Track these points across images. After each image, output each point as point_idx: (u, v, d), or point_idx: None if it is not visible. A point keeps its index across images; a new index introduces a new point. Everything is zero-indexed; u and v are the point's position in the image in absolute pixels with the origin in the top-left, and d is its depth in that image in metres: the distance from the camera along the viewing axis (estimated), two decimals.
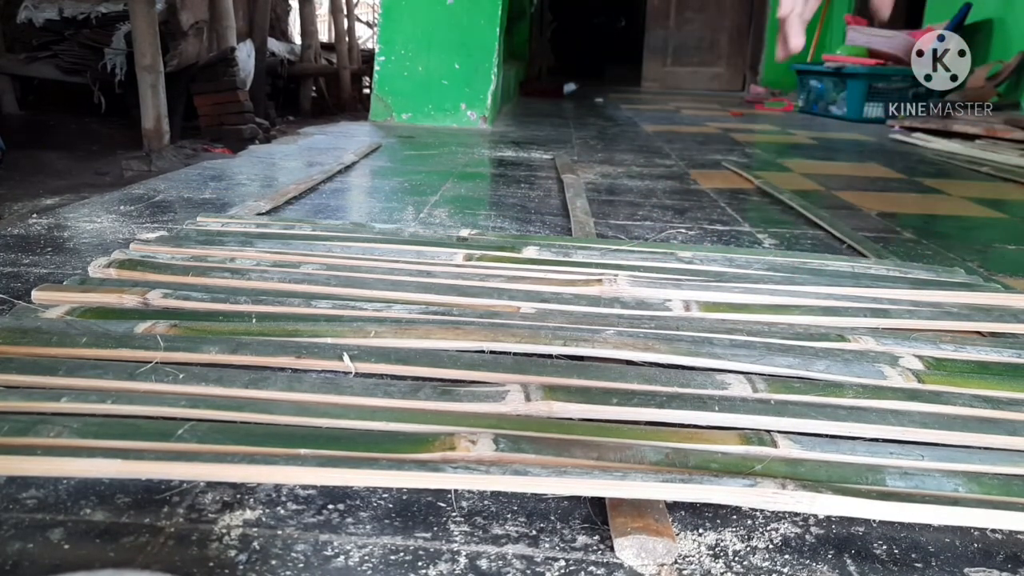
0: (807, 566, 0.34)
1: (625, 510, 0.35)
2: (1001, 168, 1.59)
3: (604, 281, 0.65)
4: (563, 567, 0.33)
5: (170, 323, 0.53)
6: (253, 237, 0.74)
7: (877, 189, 1.34)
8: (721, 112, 2.96)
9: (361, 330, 0.52)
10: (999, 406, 0.46)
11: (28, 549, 0.33)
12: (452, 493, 0.38)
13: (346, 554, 0.33)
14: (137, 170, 2.57)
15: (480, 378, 0.48)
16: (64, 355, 0.48)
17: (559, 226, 0.95)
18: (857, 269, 0.75)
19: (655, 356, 0.51)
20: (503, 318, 0.57)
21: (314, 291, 0.61)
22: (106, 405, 0.41)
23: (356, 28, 5.93)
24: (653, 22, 4.74)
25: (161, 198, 1.02)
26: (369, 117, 2.16)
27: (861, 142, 2.07)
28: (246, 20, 4.18)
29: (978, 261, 0.86)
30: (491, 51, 2.12)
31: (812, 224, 1.02)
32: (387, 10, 2.15)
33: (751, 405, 0.44)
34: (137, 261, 0.66)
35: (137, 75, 2.73)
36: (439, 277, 0.66)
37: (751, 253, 0.80)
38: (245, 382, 0.44)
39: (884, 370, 0.50)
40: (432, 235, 0.83)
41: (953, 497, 0.37)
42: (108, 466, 0.35)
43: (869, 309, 0.62)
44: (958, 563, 0.35)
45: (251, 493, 0.37)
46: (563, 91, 3.60)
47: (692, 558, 0.34)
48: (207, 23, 3.65)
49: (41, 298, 0.58)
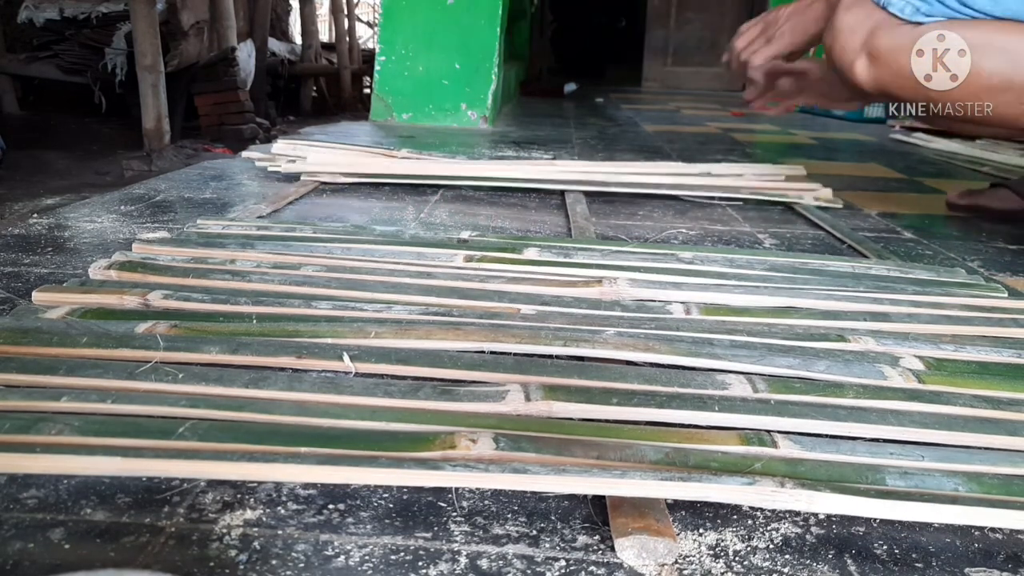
0: (807, 566, 0.34)
1: (626, 510, 0.35)
2: (1002, 168, 1.59)
3: (604, 282, 0.65)
4: (563, 567, 0.33)
5: (170, 323, 0.53)
6: (253, 239, 0.75)
7: (878, 189, 1.34)
8: (722, 112, 2.96)
9: (361, 330, 0.52)
10: (999, 406, 0.46)
11: (28, 549, 0.33)
12: (452, 493, 0.38)
13: (346, 554, 0.33)
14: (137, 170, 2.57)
15: (480, 378, 0.48)
16: (64, 355, 0.48)
17: (559, 226, 0.96)
18: (858, 269, 0.75)
19: (655, 356, 0.51)
20: (503, 319, 0.57)
21: (314, 292, 0.61)
22: (106, 404, 0.41)
23: (356, 28, 5.94)
24: (653, 22, 4.74)
25: (162, 198, 1.02)
26: (370, 117, 2.16)
27: (861, 142, 2.08)
28: (247, 20, 4.18)
29: (979, 261, 0.86)
30: (491, 51, 2.12)
31: (812, 224, 1.02)
32: (387, 10, 2.15)
33: (751, 405, 0.44)
34: (138, 263, 0.66)
35: (138, 75, 2.73)
36: (439, 279, 0.66)
37: (752, 254, 0.80)
38: (245, 382, 0.44)
39: (884, 370, 0.50)
40: (432, 237, 0.83)
41: (953, 496, 0.37)
42: (108, 464, 0.35)
43: (869, 313, 0.63)
44: (959, 563, 0.35)
45: (251, 493, 0.37)
46: (564, 91, 3.60)
47: (693, 558, 0.34)
48: (208, 23, 3.65)
49: (41, 299, 0.58)
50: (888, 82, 0.80)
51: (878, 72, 0.80)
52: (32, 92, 4.15)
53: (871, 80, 0.81)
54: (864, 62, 0.80)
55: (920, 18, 0.78)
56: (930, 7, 0.77)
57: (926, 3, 0.77)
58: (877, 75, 0.80)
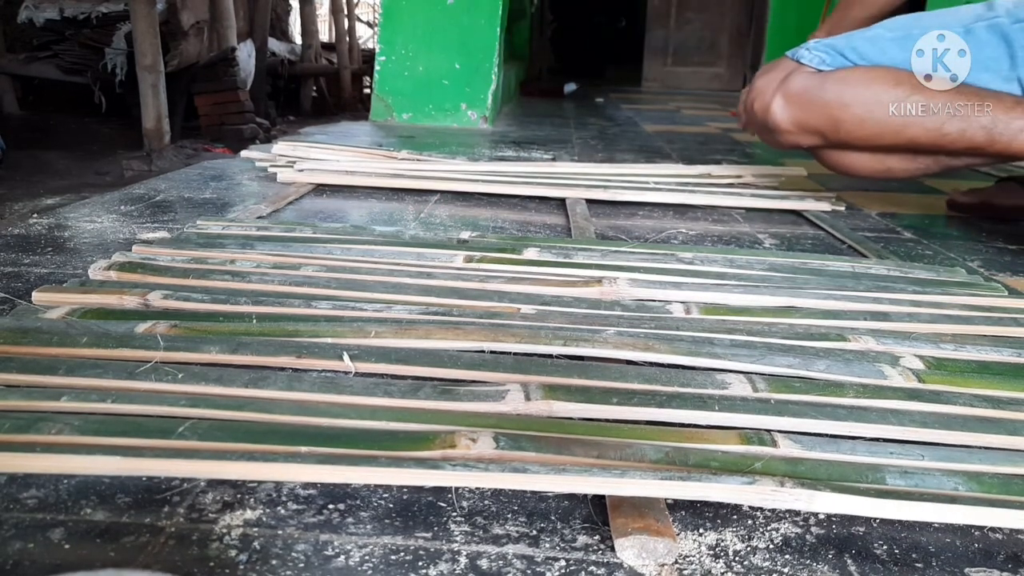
0: (807, 566, 0.34)
1: (626, 510, 0.35)
2: (1002, 168, 1.59)
3: (604, 282, 0.65)
4: (563, 567, 0.33)
5: (170, 323, 0.53)
6: (253, 240, 0.75)
7: (877, 189, 1.34)
8: (721, 112, 2.96)
9: (361, 330, 0.52)
10: (999, 405, 0.46)
11: (28, 549, 0.33)
12: (452, 493, 0.38)
13: (346, 554, 0.33)
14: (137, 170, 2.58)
15: (480, 378, 0.48)
16: (64, 355, 0.48)
17: (559, 227, 0.96)
18: (858, 269, 0.75)
19: (655, 356, 0.51)
20: (503, 319, 0.57)
21: (314, 292, 0.61)
22: (106, 404, 0.41)
23: (356, 28, 5.94)
24: (653, 22, 4.74)
25: (162, 198, 1.02)
26: (369, 117, 2.16)
27: None
28: (247, 20, 4.18)
29: (979, 261, 0.86)
30: (491, 51, 2.12)
31: (812, 224, 1.02)
32: (387, 10, 2.15)
33: (751, 405, 0.44)
34: (137, 263, 0.66)
35: (138, 75, 2.73)
36: (439, 279, 0.66)
37: (752, 254, 0.80)
38: (245, 381, 0.44)
39: (884, 370, 0.50)
40: (432, 237, 0.83)
41: (953, 496, 0.37)
42: (108, 463, 0.35)
43: (870, 312, 0.63)
44: (959, 563, 0.35)
45: (251, 493, 0.37)
46: (563, 91, 3.60)
47: (692, 558, 0.34)
48: (208, 23, 3.65)
49: (41, 299, 0.58)
50: (801, 117, 0.97)
51: (792, 110, 0.97)
52: (32, 92, 4.15)
53: (787, 119, 0.98)
54: (780, 102, 0.98)
55: (824, 67, 0.97)
56: (833, 59, 0.96)
57: (830, 56, 0.97)
58: (792, 112, 0.97)
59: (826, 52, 0.97)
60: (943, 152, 0.93)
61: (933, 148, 0.93)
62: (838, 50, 0.96)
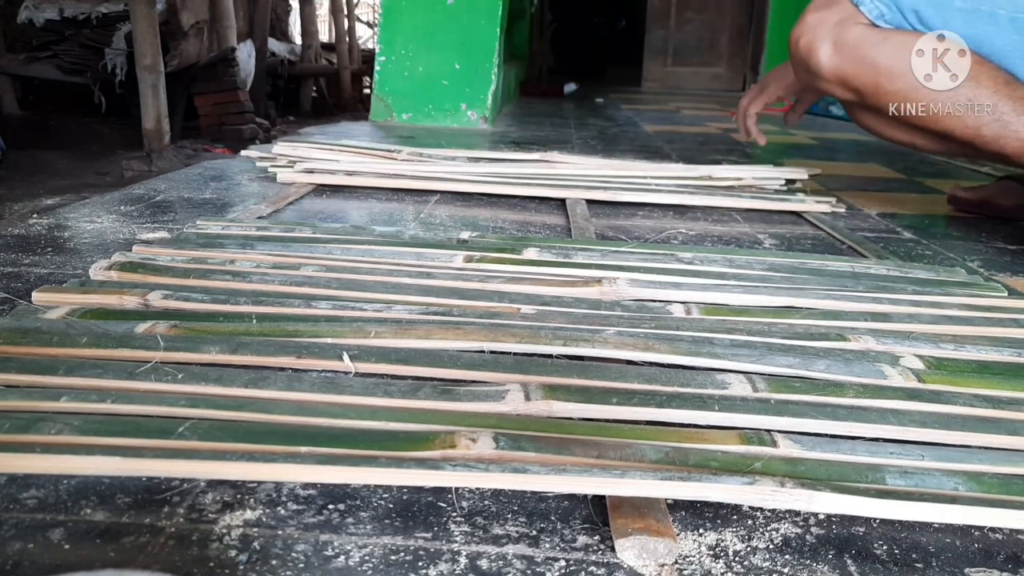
0: (807, 566, 0.34)
1: (626, 511, 0.35)
2: (1002, 168, 1.59)
3: (604, 282, 0.65)
4: (563, 567, 0.33)
5: (170, 323, 0.53)
6: (253, 240, 0.75)
7: (877, 189, 1.34)
8: (721, 112, 2.96)
9: (361, 330, 0.52)
10: (999, 405, 0.46)
11: (28, 549, 0.33)
12: (452, 493, 0.38)
13: (346, 554, 0.33)
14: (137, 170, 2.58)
15: (480, 378, 0.48)
16: (64, 355, 0.48)
17: (559, 226, 0.96)
18: (857, 269, 0.75)
19: (655, 356, 0.51)
20: (503, 319, 0.57)
21: (314, 293, 0.61)
22: (106, 404, 0.41)
23: (356, 28, 5.94)
24: (653, 22, 4.74)
25: (162, 198, 1.02)
26: (369, 117, 2.16)
27: (861, 142, 2.07)
28: (246, 20, 4.18)
29: (979, 261, 0.86)
30: (491, 51, 2.12)
31: (812, 224, 1.02)
32: (387, 10, 2.15)
33: (751, 405, 0.44)
34: (137, 264, 0.66)
35: (137, 75, 2.73)
36: (439, 279, 0.66)
37: (751, 254, 0.80)
38: (245, 381, 0.44)
39: (884, 370, 0.50)
40: (432, 237, 0.83)
41: (953, 496, 0.37)
42: (108, 463, 0.35)
43: (869, 312, 0.63)
44: (959, 563, 0.35)
45: (251, 493, 0.37)
46: (563, 91, 3.60)
47: (692, 558, 0.34)
48: (207, 23, 3.65)
49: (41, 299, 0.58)
50: (847, 71, 0.89)
51: (840, 60, 0.89)
52: (32, 92, 4.15)
53: (832, 68, 0.90)
54: (829, 49, 0.89)
55: (883, 24, 0.89)
56: (892, 17, 0.89)
57: (890, 12, 0.89)
58: (839, 63, 0.89)
59: (887, 6, 0.88)
60: (972, 147, 0.90)
61: (964, 142, 0.89)
62: (900, 7, 0.88)
